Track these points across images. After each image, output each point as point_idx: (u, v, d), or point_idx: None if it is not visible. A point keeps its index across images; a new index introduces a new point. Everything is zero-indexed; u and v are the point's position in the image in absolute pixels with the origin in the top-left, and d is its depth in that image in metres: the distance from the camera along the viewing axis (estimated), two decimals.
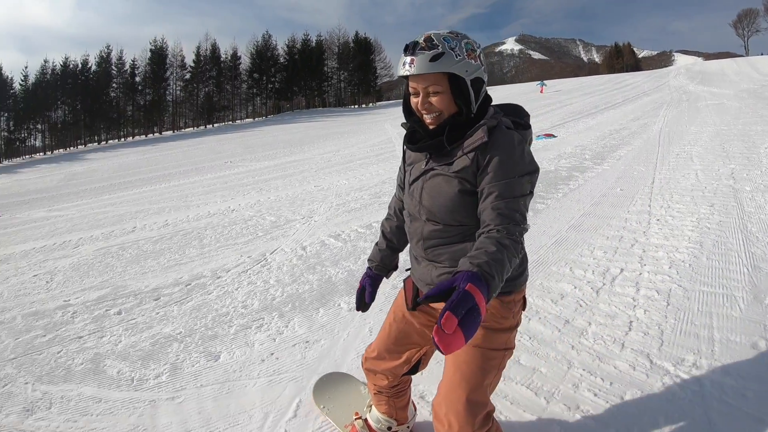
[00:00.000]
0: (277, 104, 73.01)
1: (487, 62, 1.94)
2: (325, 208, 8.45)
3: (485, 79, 1.92)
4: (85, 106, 65.06)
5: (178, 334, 4.22)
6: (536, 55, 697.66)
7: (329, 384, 3.03)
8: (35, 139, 67.15)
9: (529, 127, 2.00)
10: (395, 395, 2.48)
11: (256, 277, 5.42)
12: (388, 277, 2.45)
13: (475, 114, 1.90)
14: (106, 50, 68.83)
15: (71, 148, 63.81)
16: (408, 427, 2.60)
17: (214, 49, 71.73)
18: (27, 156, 63.05)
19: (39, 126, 66.57)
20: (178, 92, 70.38)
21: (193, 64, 70.64)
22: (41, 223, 14.18)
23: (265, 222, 8.02)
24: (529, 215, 5.89)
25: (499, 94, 49.79)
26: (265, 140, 29.84)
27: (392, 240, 2.41)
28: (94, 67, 68.20)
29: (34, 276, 7.18)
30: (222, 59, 72.20)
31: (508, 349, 2.03)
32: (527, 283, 2.11)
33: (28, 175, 37.26)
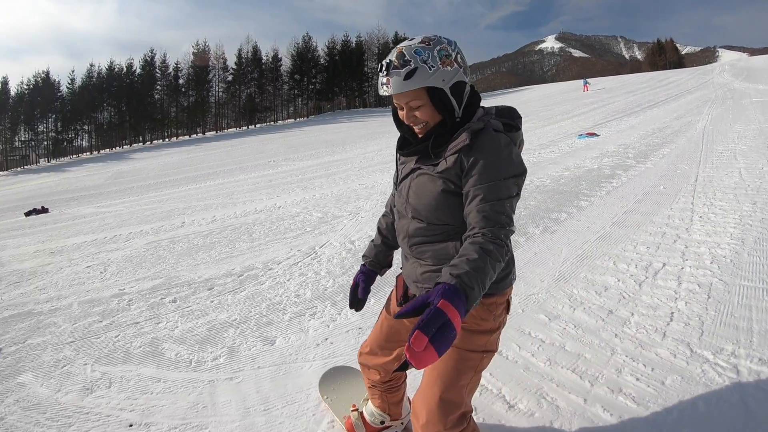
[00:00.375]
0: (318, 105, 73.53)
1: (466, 63, 1.92)
2: (371, 205, 8.61)
3: (467, 80, 1.91)
4: (130, 107, 66.91)
5: (233, 321, 4.44)
6: (577, 53, 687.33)
7: (335, 376, 3.16)
8: (82, 140, 69.31)
9: (519, 129, 2.01)
10: (388, 390, 2.54)
11: (307, 269, 5.63)
12: (381, 274, 2.49)
13: (462, 116, 1.91)
14: (149, 54, 70.62)
15: (117, 148, 65.72)
16: (402, 423, 2.65)
17: (256, 51, 72.78)
18: (74, 156, 65.13)
19: (86, 127, 68.68)
20: (221, 94, 71.55)
21: (234, 66, 71.65)
22: (90, 218, 14.62)
23: (313, 218, 8.24)
24: (573, 212, 6.01)
25: (539, 93, 49.22)
26: (307, 140, 30.22)
27: (387, 236, 2.42)
28: (138, 71, 69.96)
29: (88, 267, 7.49)
30: (263, 61, 73.08)
31: (488, 351, 2.04)
32: (513, 285, 2.12)
33: (76, 173, 38.31)
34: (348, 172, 14.39)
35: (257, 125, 68.12)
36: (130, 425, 3.09)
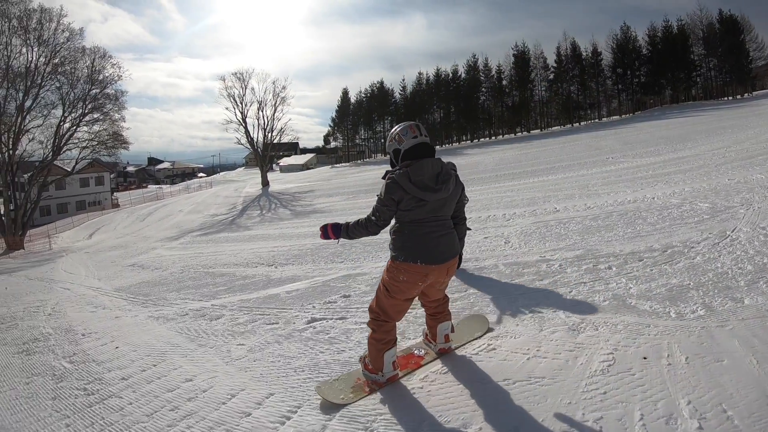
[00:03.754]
0: (642, 100, 69.09)
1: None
2: (760, 198, 8.29)
3: (400, 148, 3.57)
4: (458, 108, 71.27)
5: (687, 285, 4.90)
6: None
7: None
8: None
9: (404, 169, 3.47)
10: (431, 315, 4.15)
11: (732, 248, 5.82)
12: None
13: (398, 164, 3.56)
14: (472, 59, 74.31)
15: (446, 144, 70.82)
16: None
17: (575, 47, 70.89)
18: None
19: None
20: (543, 92, 72.04)
21: (555, 65, 71.21)
22: None
23: (701, 208, 8.31)
24: None
25: None
26: (641, 137, 29.19)
27: None
28: (463, 75, 74.11)
29: (485, 238, 8.66)
30: (583, 57, 71.01)
31: (385, 286, 3.64)
32: (406, 263, 3.52)
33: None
34: (704, 168, 13.74)
35: (581, 123, 67.37)
36: (644, 358, 3.63)
